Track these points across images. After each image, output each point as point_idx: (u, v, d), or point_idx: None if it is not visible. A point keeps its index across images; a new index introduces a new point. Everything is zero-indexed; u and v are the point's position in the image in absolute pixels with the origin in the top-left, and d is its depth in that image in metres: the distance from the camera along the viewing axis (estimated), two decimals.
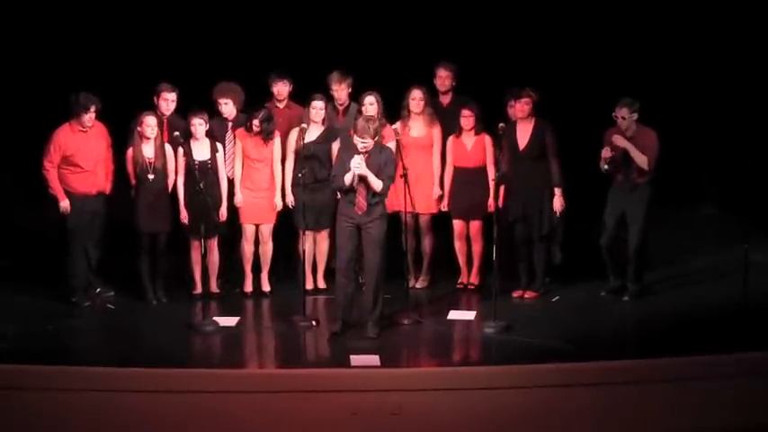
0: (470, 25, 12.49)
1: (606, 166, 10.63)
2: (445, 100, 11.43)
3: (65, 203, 10.66)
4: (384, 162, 9.96)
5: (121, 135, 10.91)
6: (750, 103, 12.51)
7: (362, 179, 9.91)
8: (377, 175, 9.92)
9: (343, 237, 10.06)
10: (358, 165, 9.88)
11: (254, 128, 10.84)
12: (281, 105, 11.33)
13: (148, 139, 10.71)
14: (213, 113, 11.01)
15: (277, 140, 10.97)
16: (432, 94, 11.29)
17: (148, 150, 10.73)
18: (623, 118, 10.62)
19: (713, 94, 12.56)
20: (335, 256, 10.34)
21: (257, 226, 11.06)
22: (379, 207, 10.01)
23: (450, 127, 11.12)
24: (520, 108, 10.80)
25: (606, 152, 10.59)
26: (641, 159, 10.59)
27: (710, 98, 12.57)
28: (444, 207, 11.17)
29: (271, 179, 11.00)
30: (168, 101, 10.96)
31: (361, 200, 9.96)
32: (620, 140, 10.61)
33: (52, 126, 10.71)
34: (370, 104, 10.95)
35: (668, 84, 12.50)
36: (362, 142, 9.92)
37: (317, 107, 10.87)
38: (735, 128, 12.55)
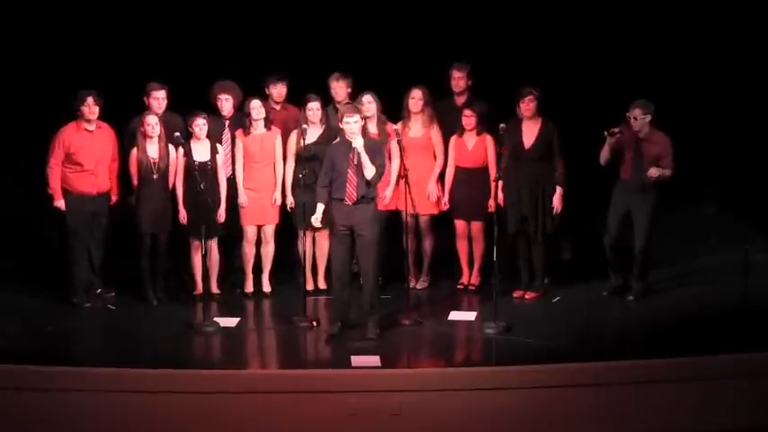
0: (476, 25, 12.47)
1: (606, 134, 10.59)
2: (460, 100, 11.43)
3: (59, 203, 10.68)
4: (371, 152, 9.95)
5: (119, 136, 10.94)
6: (750, 103, 12.49)
7: (357, 166, 9.89)
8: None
9: (336, 242, 10.06)
10: (359, 142, 9.87)
11: (253, 119, 10.84)
12: (277, 107, 11.34)
13: (152, 138, 10.72)
14: (209, 112, 11.00)
15: (278, 138, 10.99)
16: (446, 95, 11.31)
17: (152, 150, 10.74)
18: (635, 119, 10.61)
19: (713, 95, 12.55)
20: None
21: (260, 226, 11.07)
22: (371, 208, 10.00)
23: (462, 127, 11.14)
24: (525, 107, 10.80)
25: (615, 129, 10.58)
26: (667, 173, 10.62)
27: (710, 98, 12.55)
28: (444, 206, 11.18)
29: (273, 178, 11.01)
30: (159, 99, 10.96)
31: (350, 189, 9.95)
32: (654, 173, 10.58)
33: (54, 127, 10.73)
34: (369, 103, 10.97)
35: (668, 84, 12.48)
36: (353, 121, 9.91)
37: (313, 108, 10.89)
38: (735, 128, 12.54)
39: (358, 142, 9.89)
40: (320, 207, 10.07)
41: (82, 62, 12.12)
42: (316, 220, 10.09)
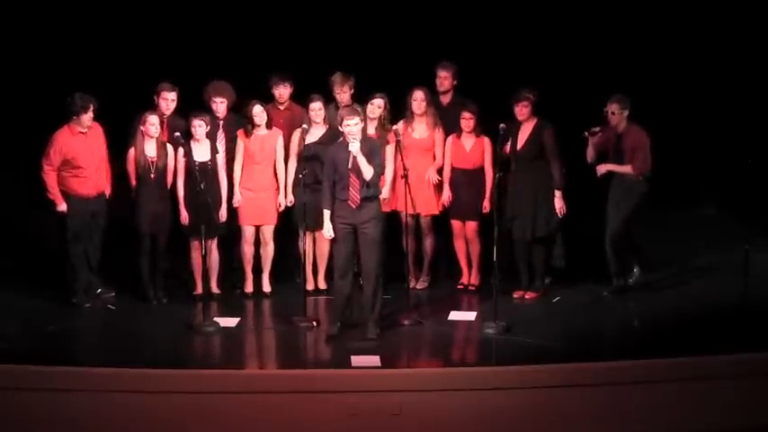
0: (471, 26, 12.49)
1: (587, 133, 10.64)
2: (445, 99, 11.44)
3: (62, 207, 10.66)
4: (370, 153, 9.96)
5: (118, 136, 10.93)
6: (750, 103, 12.51)
7: (356, 169, 9.90)
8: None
9: (339, 240, 10.06)
10: (355, 147, 9.88)
11: (256, 125, 10.85)
12: (281, 107, 11.34)
13: (151, 138, 10.72)
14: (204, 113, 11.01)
15: (280, 139, 10.99)
16: (433, 94, 11.31)
17: (151, 150, 10.74)
18: (613, 113, 10.66)
19: (713, 95, 12.57)
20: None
21: (258, 227, 11.07)
22: (375, 207, 10.02)
23: (448, 126, 11.13)
24: (519, 111, 10.82)
25: (595, 128, 10.64)
26: (626, 169, 10.63)
27: (710, 98, 12.57)
28: (446, 202, 11.15)
29: (272, 179, 11.01)
30: (168, 100, 10.95)
31: (353, 192, 9.96)
32: (602, 169, 10.69)
33: (52, 127, 10.71)
34: (378, 107, 10.97)
35: (668, 84, 12.51)
36: (353, 123, 9.91)
37: (315, 108, 10.90)
38: (735, 128, 12.56)
39: (353, 147, 9.89)
40: (327, 214, 10.08)
41: (81, 62, 12.14)
42: (328, 233, 10.10)
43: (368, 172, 9.91)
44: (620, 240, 10.76)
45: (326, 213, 10.08)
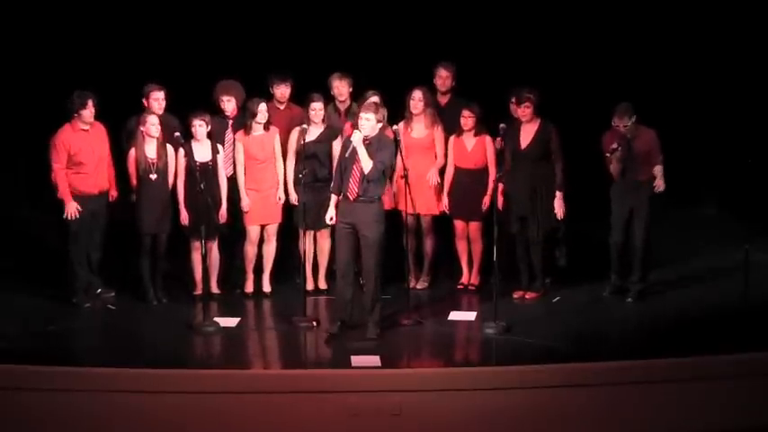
0: (470, 25, 12.49)
1: (609, 154, 10.63)
2: (443, 100, 11.44)
3: (71, 207, 10.63)
4: (378, 148, 9.98)
5: (117, 137, 10.94)
6: (750, 103, 12.51)
7: (356, 160, 9.92)
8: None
9: (340, 240, 10.08)
10: (356, 137, 9.92)
11: (257, 122, 10.83)
12: (281, 107, 11.33)
13: (152, 138, 10.72)
14: (212, 112, 11.00)
15: (277, 137, 10.99)
16: (432, 93, 11.30)
17: (151, 150, 10.74)
18: (626, 126, 10.62)
19: (713, 95, 12.57)
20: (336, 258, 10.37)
21: (263, 226, 11.06)
22: (376, 209, 10.01)
23: (448, 126, 11.13)
24: (522, 112, 10.81)
25: (613, 146, 10.62)
26: (659, 171, 10.63)
27: (710, 98, 12.57)
28: (444, 207, 11.16)
29: (275, 176, 11.00)
30: (159, 100, 10.93)
31: (352, 184, 9.97)
32: (660, 184, 10.65)
33: (52, 127, 10.71)
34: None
35: (668, 84, 12.50)
36: (364, 116, 9.96)
37: (316, 108, 10.90)
38: (735, 128, 12.55)
39: (354, 136, 9.92)
40: (333, 199, 10.15)
41: (80, 62, 12.14)
42: (330, 218, 10.13)
43: (366, 163, 9.91)
44: (646, 245, 10.77)
45: (332, 198, 10.15)
